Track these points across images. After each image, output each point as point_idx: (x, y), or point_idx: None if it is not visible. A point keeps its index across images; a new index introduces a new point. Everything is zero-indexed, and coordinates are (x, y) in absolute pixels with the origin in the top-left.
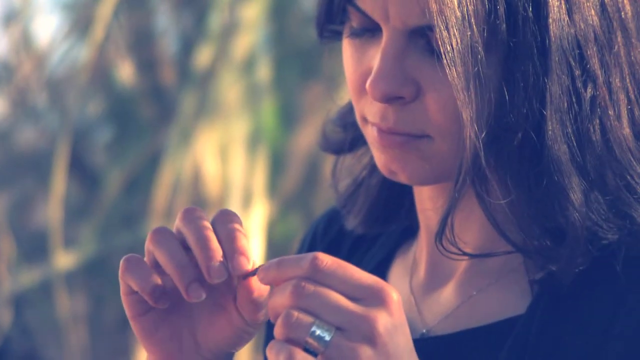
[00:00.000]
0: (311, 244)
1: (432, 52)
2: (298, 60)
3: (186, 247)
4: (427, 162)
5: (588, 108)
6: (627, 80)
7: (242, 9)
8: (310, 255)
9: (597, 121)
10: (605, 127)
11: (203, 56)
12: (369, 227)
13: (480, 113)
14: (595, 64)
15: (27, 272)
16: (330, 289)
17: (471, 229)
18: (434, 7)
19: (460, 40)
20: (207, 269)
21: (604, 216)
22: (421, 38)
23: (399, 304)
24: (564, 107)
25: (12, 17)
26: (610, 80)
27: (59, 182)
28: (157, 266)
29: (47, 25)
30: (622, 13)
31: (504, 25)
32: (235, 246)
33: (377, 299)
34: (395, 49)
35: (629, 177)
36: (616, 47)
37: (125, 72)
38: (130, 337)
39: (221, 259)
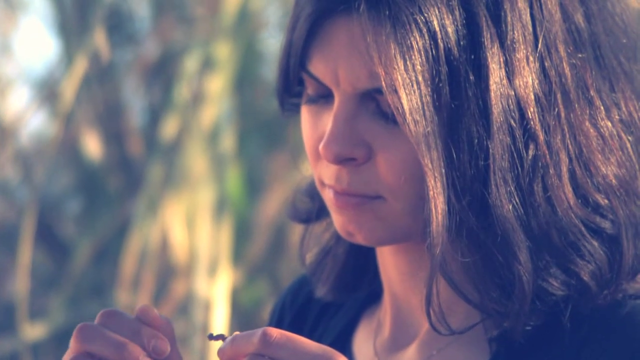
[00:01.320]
0: (280, 314)
1: (382, 114)
2: (262, 131)
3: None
4: (382, 223)
5: (530, 167)
6: (568, 140)
7: (207, 81)
8: (260, 330)
9: (539, 180)
10: (547, 186)
11: (169, 127)
12: (337, 294)
13: (440, 171)
14: (536, 124)
15: None
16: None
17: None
18: (380, 70)
19: (410, 101)
20: (151, 349)
21: (551, 273)
22: (371, 101)
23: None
24: (506, 167)
25: None
26: (551, 140)
27: (26, 253)
28: None
29: (15, 99)
30: (562, 77)
31: (447, 88)
32: (145, 335)
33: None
34: (346, 112)
35: (571, 235)
36: (556, 109)
37: (93, 144)
38: None
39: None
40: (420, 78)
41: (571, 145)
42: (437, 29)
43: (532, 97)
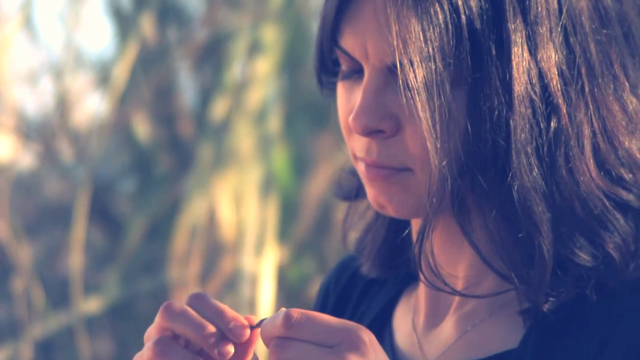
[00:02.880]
0: (325, 294)
1: (410, 88)
2: (308, 112)
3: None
4: (411, 195)
5: (552, 139)
6: (591, 114)
7: (255, 64)
8: (282, 313)
9: (561, 152)
10: (569, 158)
11: (218, 109)
12: (379, 270)
13: (445, 144)
14: (558, 98)
15: (54, 317)
16: (305, 340)
17: (462, 264)
18: (398, 43)
19: (425, 75)
20: (229, 332)
21: (574, 243)
22: (395, 78)
23: (371, 344)
24: (527, 139)
25: (40, 75)
26: (574, 113)
27: (80, 230)
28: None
29: (72, 82)
30: (587, 52)
31: (469, 61)
32: (226, 318)
33: (349, 343)
34: (374, 85)
35: (594, 207)
36: (580, 83)
37: (145, 125)
38: None
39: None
40: (439, 51)
41: (595, 119)
42: (460, 2)
43: (555, 70)
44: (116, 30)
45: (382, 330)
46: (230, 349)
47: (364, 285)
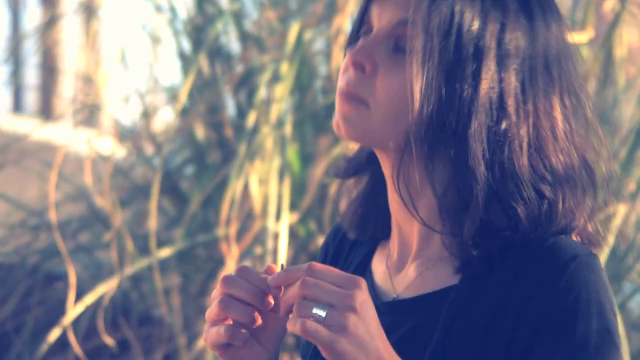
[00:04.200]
0: (326, 248)
1: (397, 48)
2: (312, 120)
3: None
4: (360, 124)
5: (501, 133)
6: (530, 129)
7: (275, 88)
8: (307, 264)
9: (506, 144)
10: (511, 151)
11: (250, 119)
12: (359, 234)
13: (425, 98)
14: (510, 108)
15: (140, 261)
16: (322, 281)
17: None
18: (411, 17)
19: (423, 42)
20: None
21: (499, 202)
22: (393, 38)
23: (367, 287)
24: (484, 121)
25: (131, 95)
26: (519, 124)
27: (155, 201)
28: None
29: (153, 100)
30: (536, 86)
31: (453, 48)
32: (264, 281)
33: (353, 285)
34: (376, 37)
35: (519, 183)
36: (527, 105)
37: (201, 130)
38: (206, 300)
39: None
40: (435, 31)
41: (531, 133)
42: (458, 8)
43: (512, 89)
44: (181, 65)
45: (364, 272)
46: (271, 300)
47: (350, 244)
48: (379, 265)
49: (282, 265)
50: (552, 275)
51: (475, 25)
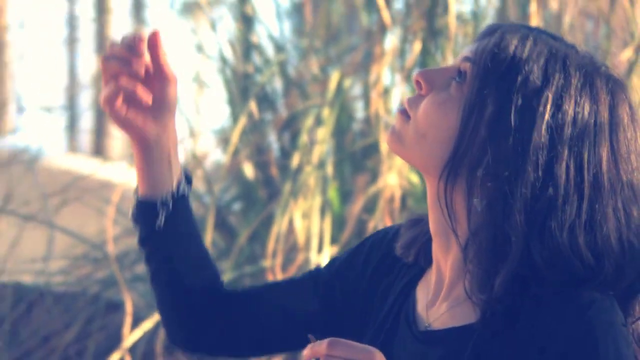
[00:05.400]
0: (371, 246)
1: (456, 79)
2: (350, 161)
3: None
4: (402, 137)
5: (546, 196)
6: (577, 199)
7: (318, 131)
8: (328, 339)
9: (551, 207)
10: (554, 216)
11: (295, 159)
12: (403, 255)
13: (467, 136)
14: (561, 178)
15: None
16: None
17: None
18: (475, 70)
19: (479, 85)
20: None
21: (534, 257)
22: (456, 71)
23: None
24: (531, 179)
25: (184, 138)
26: (567, 192)
27: (209, 235)
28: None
29: (203, 141)
30: (600, 175)
31: (506, 99)
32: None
33: (371, 358)
34: (444, 67)
35: (545, 245)
36: (578, 176)
37: (250, 169)
38: None
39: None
40: (493, 76)
41: (577, 202)
42: (520, 79)
43: (564, 159)
44: (231, 110)
45: (407, 297)
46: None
47: (396, 259)
48: (421, 293)
49: (309, 337)
50: (572, 319)
51: (535, 82)
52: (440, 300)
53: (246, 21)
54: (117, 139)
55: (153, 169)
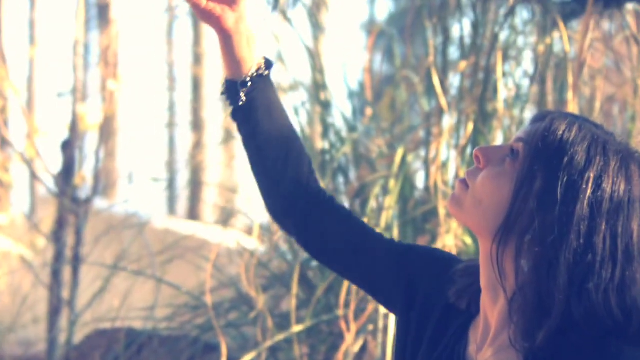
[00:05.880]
0: (444, 268)
1: (510, 155)
2: (413, 224)
3: None
4: (462, 202)
5: (586, 262)
6: (611, 266)
7: (385, 199)
8: None
9: (589, 271)
10: (589, 277)
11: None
12: (455, 300)
13: (517, 207)
14: (598, 247)
15: (279, 334)
16: None
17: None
18: (525, 149)
19: (530, 162)
20: None
21: (575, 321)
22: (509, 149)
23: None
24: (573, 246)
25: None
26: (604, 260)
27: (295, 288)
28: None
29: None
30: (631, 246)
31: (553, 175)
32: None
33: None
34: (502, 149)
35: (583, 301)
36: (616, 256)
37: None
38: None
39: None
40: (542, 156)
41: (617, 278)
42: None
43: (601, 239)
44: None
45: (460, 338)
46: None
47: (447, 301)
48: (471, 337)
49: None
50: None
51: (579, 163)
52: (487, 345)
53: (323, 105)
54: (209, 205)
55: (234, 55)
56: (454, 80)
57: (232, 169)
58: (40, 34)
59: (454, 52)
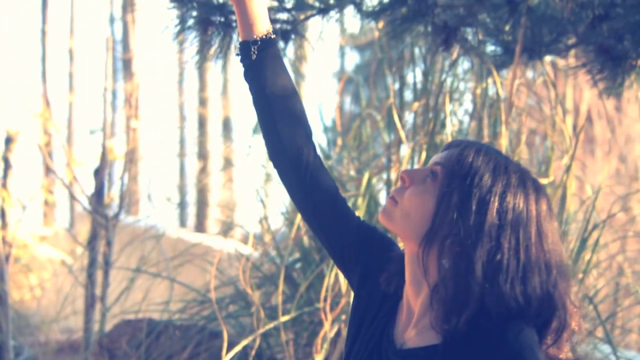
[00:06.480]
0: (388, 253)
1: (430, 177)
2: None
3: None
4: (391, 215)
5: (497, 260)
6: (515, 260)
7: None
8: None
9: (499, 266)
10: (502, 272)
11: None
12: (385, 287)
13: (438, 216)
14: (505, 247)
15: (270, 323)
16: None
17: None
18: (443, 171)
19: (447, 181)
20: None
21: (486, 307)
22: (429, 171)
23: None
24: (486, 247)
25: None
26: (509, 255)
27: (280, 286)
28: None
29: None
30: (529, 254)
31: (466, 190)
32: None
33: None
34: (421, 168)
35: (503, 298)
36: (517, 245)
37: (307, 240)
38: (311, 350)
39: None
40: (457, 175)
41: (515, 262)
42: (477, 181)
43: (507, 245)
44: None
45: (389, 319)
46: None
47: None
48: (399, 318)
49: None
50: (509, 341)
51: (487, 182)
52: (411, 327)
53: None
54: (212, 219)
55: (247, 19)
56: (409, 117)
57: (231, 191)
58: (77, 83)
59: (408, 95)
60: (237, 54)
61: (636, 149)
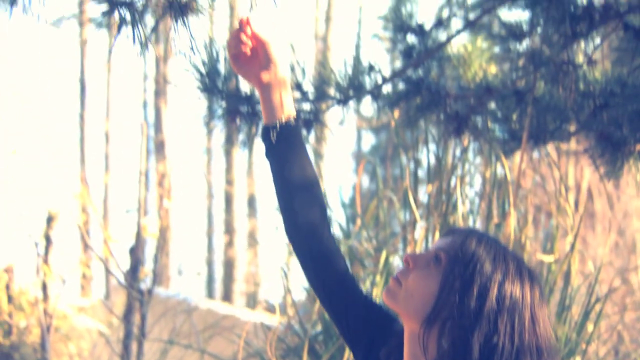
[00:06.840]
0: (392, 331)
1: (434, 262)
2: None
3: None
4: (395, 295)
5: (493, 343)
6: (510, 344)
7: (373, 290)
8: None
9: (495, 349)
10: (497, 354)
11: None
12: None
13: (440, 299)
14: (501, 331)
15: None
16: None
17: None
18: (444, 257)
19: (450, 266)
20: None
21: None
22: (433, 256)
23: None
24: (484, 332)
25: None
26: (505, 339)
27: (304, 356)
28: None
29: None
30: (523, 338)
31: (467, 277)
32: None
33: None
34: (424, 253)
35: None
36: (512, 331)
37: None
38: None
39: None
40: (460, 262)
41: (511, 346)
42: (478, 268)
43: (503, 329)
44: None
45: None
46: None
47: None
48: None
49: None
50: None
51: (488, 270)
52: None
53: None
54: (239, 293)
55: (270, 105)
56: (424, 198)
57: (256, 266)
58: (112, 164)
59: (423, 177)
60: (260, 136)
61: (634, 224)
